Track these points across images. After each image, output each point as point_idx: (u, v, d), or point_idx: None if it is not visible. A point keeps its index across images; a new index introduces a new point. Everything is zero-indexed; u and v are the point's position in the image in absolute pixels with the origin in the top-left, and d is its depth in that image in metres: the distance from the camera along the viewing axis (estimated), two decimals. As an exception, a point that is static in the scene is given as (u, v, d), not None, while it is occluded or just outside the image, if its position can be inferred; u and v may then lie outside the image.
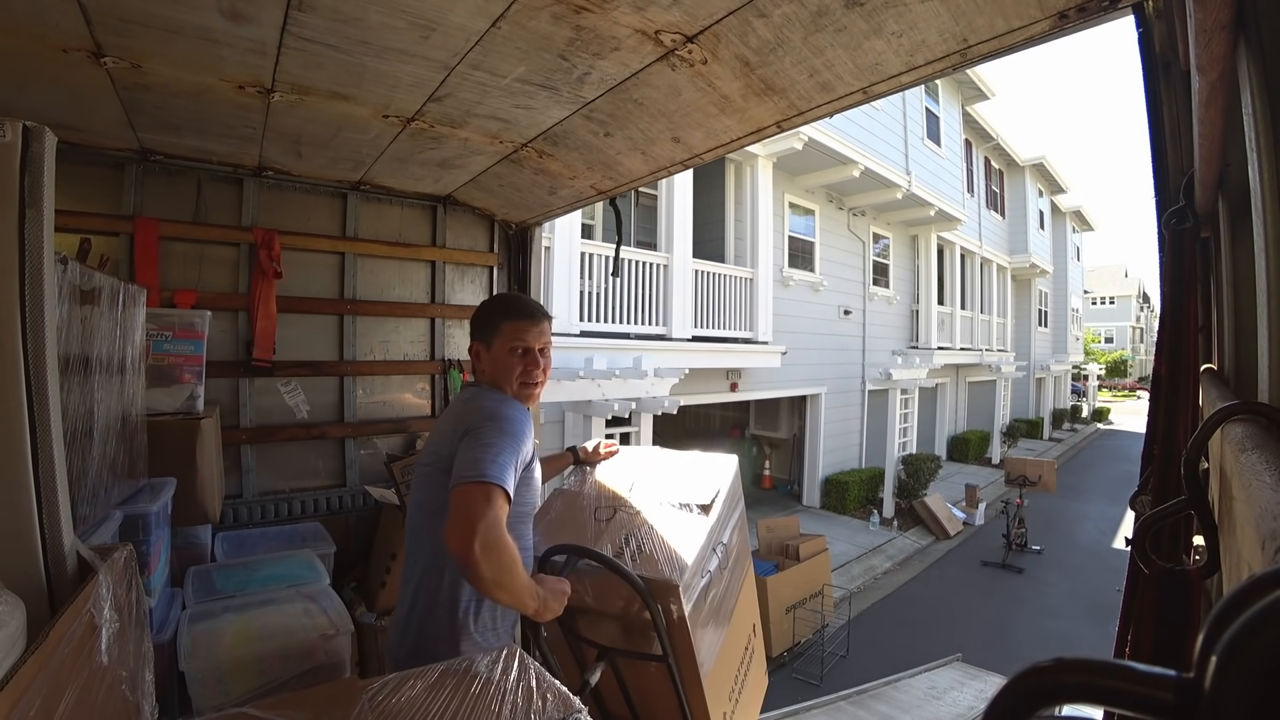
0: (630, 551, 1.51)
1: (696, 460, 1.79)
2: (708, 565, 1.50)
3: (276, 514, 2.58)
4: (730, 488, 1.65)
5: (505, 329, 1.53)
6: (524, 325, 1.54)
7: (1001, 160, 16.64)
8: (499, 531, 1.20)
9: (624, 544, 1.53)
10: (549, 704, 1.03)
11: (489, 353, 1.54)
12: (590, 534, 1.62)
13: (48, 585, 0.89)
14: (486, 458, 1.27)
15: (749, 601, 1.72)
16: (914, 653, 6.18)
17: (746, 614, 1.71)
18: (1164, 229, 1.07)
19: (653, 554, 1.48)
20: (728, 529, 1.61)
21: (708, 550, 1.51)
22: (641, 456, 1.88)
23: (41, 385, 0.88)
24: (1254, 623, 0.22)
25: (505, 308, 1.59)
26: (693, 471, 1.73)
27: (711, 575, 1.51)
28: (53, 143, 0.90)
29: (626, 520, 1.61)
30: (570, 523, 1.69)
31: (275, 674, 1.67)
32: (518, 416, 1.42)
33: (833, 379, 10.70)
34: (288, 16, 1.27)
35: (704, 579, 1.48)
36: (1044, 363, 19.94)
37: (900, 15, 1.16)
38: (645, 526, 1.57)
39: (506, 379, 1.52)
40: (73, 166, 2.11)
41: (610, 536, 1.57)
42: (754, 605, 1.77)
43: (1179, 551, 1.06)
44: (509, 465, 1.30)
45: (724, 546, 1.60)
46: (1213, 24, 0.61)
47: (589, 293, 6.39)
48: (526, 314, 1.56)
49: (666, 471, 1.75)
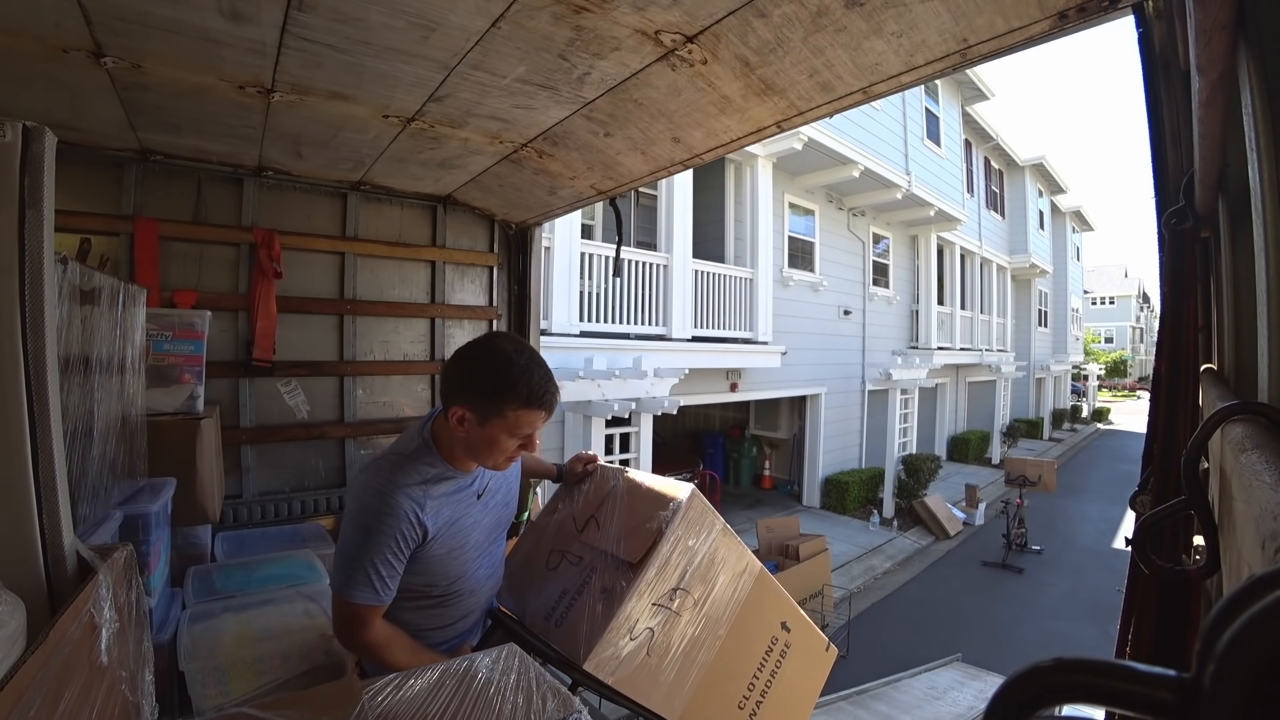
0: (558, 615, 1.46)
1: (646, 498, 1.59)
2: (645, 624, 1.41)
3: (276, 514, 2.58)
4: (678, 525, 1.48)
5: (514, 417, 1.30)
6: (538, 417, 1.33)
7: (1001, 160, 16.64)
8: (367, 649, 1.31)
9: (555, 603, 1.49)
10: (549, 704, 1.03)
11: (480, 430, 1.30)
12: (536, 584, 1.60)
13: (48, 585, 0.89)
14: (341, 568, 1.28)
15: (760, 608, 1.62)
16: (914, 653, 6.18)
17: (757, 623, 1.61)
18: (1164, 229, 1.07)
19: (574, 624, 1.41)
20: (683, 569, 1.48)
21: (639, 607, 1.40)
22: (607, 483, 1.71)
23: (41, 385, 0.88)
24: (1254, 623, 0.22)
25: (526, 394, 1.29)
26: (638, 513, 1.55)
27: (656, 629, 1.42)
28: (53, 143, 0.90)
29: (567, 573, 1.55)
30: (527, 565, 1.68)
31: (275, 674, 1.67)
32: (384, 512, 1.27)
33: (833, 379, 10.70)
34: (288, 16, 1.27)
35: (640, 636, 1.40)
36: (1044, 363, 19.94)
37: (900, 15, 1.16)
38: (578, 584, 1.49)
39: (481, 456, 1.36)
40: (73, 166, 2.11)
41: (550, 591, 1.54)
42: (772, 605, 1.66)
43: (1179, 551, 1.06)
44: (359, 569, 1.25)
45: (678, 591, 1.46)
46: (1213, 24, 0.61)
47: (589, 293, 6.39)
48: (544, 404, 1.32)
49: (618, 511, 1.60)
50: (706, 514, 1.55)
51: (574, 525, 1.64)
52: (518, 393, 1.29)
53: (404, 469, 1.34)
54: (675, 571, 1.47)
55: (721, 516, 1.63)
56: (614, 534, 1.52)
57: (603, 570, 1.47)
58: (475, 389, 1.30)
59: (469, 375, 1.32)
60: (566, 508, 1.72)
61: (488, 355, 1.32)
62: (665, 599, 1.44)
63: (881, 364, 11.53)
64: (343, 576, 1.27)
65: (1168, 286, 1.08)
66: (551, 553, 1.64)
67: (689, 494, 1.53)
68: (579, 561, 1.54)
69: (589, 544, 1.56)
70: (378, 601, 1.28)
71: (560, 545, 1.63)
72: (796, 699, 1.67)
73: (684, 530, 1.49)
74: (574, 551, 1.58)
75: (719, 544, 1.56)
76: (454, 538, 1.39)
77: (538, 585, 1.59)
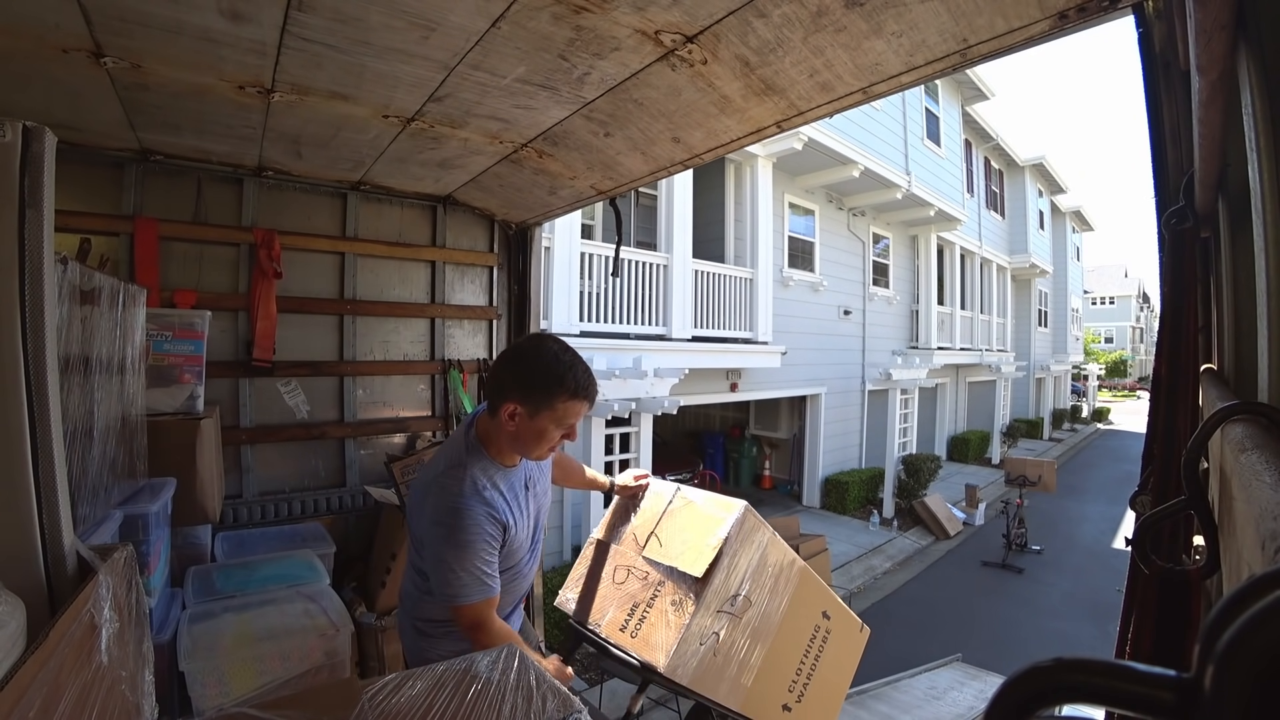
0: (632, 626, 1.62)
1: (702, 515, 1.74)
2: (713, 629, 1.57)
3: (276, 514, 2.58)
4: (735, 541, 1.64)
5: (562, 408, 1.42)
6: (582, 407, 1.44)
7: (1001, 160, 16.64)
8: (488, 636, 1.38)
9: (628, 616, 1.65)
10: (549, 704, 1.03)
11: (530, 423, 1.42)
12: (605, 598, 1.74)
13: (48, 585, 0.89)
14: (452, 581, 1.36)
15: (804, 604, 1.78)
16: (914, 653, 6.17)
17: (803, 617, 1.78)
18: (1164, 229, 1.07)
19: (648, 635, 1.57)
20: (740, 578, 1.64)
21: (707, 617, 1.56)
22: (662, 501, 1.86)
23: (41, 385, 0.88)
24: (1253, 622, 0.22)
25: (571, 385, 1.42)
26: (696, 528, 1.71)
27: (721, 633, 1.58)
28: (53, 143, 0.90)
29: (635, 589, 1.69)
30: (593, 580, 1.82)
31: (275, 674, 1.68)
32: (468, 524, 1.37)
33: (833, 379, 10.70)
34: (288, 16, 1.27)
35: (708, 641, 1.56)
36: (1044, 363, 19.93)
37: (900, 15, 1.16)
38: (647, 601, 1.64)
39: (529, 450, 1.47)
40: (73, 166, 2.11)
41: (620, 604, 1.69)
42: (814, 599, 1.82)
43: (1179, 551, 1.06)
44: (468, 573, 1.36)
45: (739, 598, 1.63)
46: (1213, 24, 0.61)
47: (589, 293, 6.38)
48: (588, 395, 1.45)
49: (677, 529, 1.76)
50: (758, 525, 1.70)
51: (635, 542, 1.78)
52: (566, 385, 1.41)
53: (466, 479, 1.41)
54: (734, 580, 1.62)
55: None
56: (677, 550, 1.66)
57: (670, 584, 1.62)
58: (528, 384, 1.41)
59: (524, 372, 1.43)
60: (625, 525, 1.86)
61: (536, 353, 1.44)
62: (727, 605, 1.60)
63: (881, 364, 11.52)
64: (453, 589, 1.36)
65: (1168, 286, 1.08)
66: (617, 569, 1.78)
67: (742, 510, 1.67)
68: (645, 577, 1.68)
69: (653, 559, 1.70)
70: (491, 594, 1.39)
71: (624, 561, 1.77)
72: (836, 678, 1.87)
73: (740, 544, 1.64)
74: (639, 567, 1.72)
75: (769, 550, 1.71)
76: (513, 528, 1.49)
77: (607, 599, 1.73)
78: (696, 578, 1.57)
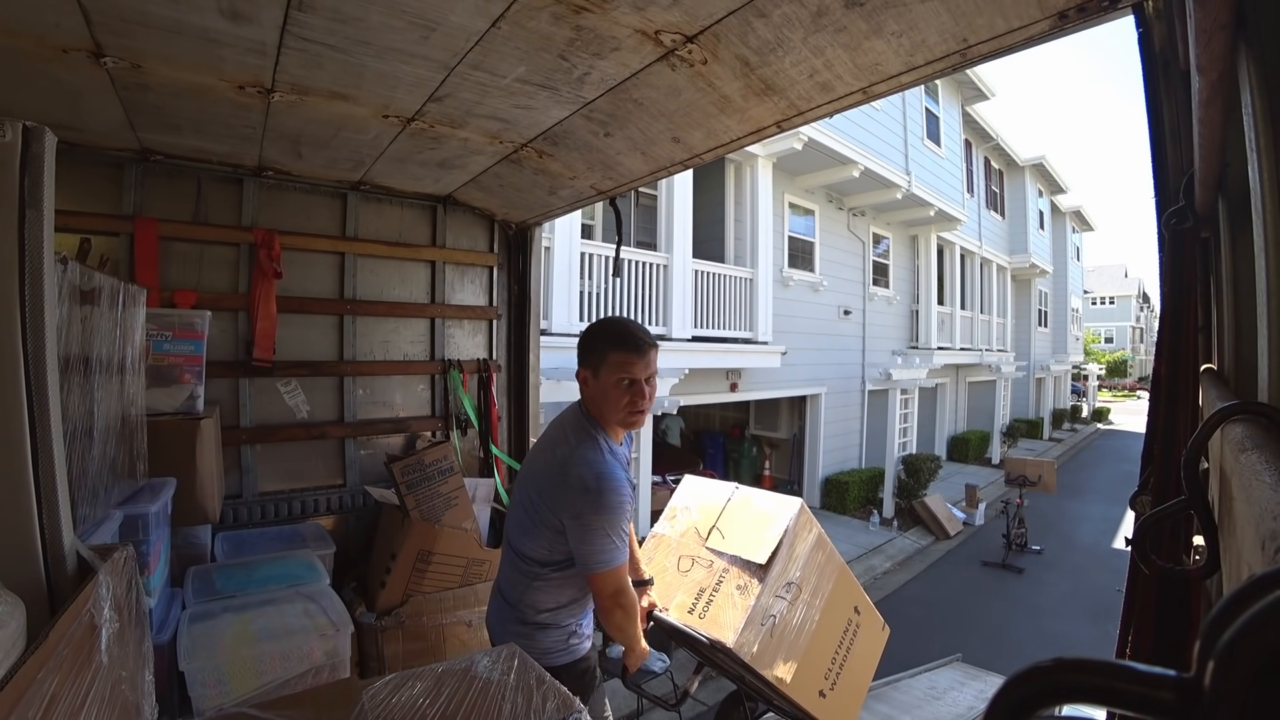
0: (699, 609, 1.80)
1: (761, 510, 1.94)
2: (771, 612, 1.74)
3: (276, 514, 2.58)
4: (792, 532, 1.84)
5: (612, 360, 1.56)
6: (632, 359, 1.56)
7: (1001, 160, 16.64)
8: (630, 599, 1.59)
9: (695, 600, 1.83)
10: (549, 704, 1.03)
11: (596, 381, 1.59)
12: (671, 585, 1.91)
13: (48, 585, 0.89)
14: (606, 547, 1.49)
15: (841, 597, 1.96)
16: (914, 653, 6.17)
17: (839, 609, 1.95)
18: (1164, 229, 1.07)
19: (716, 616, 1.75)
20: (796, 567, 1.83)
21: (769, 600, 1.74)
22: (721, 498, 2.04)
23: (41, 385, 0.88)
24: (1253, 622, 0.22)
25: (614, 338, 1.58)
26: (755, 521, 1.91)
27: (778, 616, 1.76)
28: (53, 143, 0.90)
29: (701, 576, 1.87)
30: (658, 571, 1.98)
31: (275, 674, 1.68)
32: (616, 486, 1.51)
33: (833, 379, 10.70)
34: (288, 16, 1.27)
35: (767, 623, 1.73)
36: (1044, 363, 19.93)
37: (900, 15, 1.16)
38: (713, 586, 1.82)
39: (613, 410, 1.59)
40: (73, 166, 2.11)
41: (687, 590, 1.86)
42: (848, 594, 1.99)
43: (1179, 551, 1.06)
44: (619, 538, 1.51)
45: (793, 585, 1.81)
46: (1213, 24, 0.61)
47: (589, 293, 6.38)
48: (634, 346, 1.57)
49: (738, 522, 1.94)
50: (810, 522, 1.92)
51: (698, 535, 1.96)
52: (609, 337, 1.59)
53: (601, 447, 1.57)
54: (791, 569, 1.81)
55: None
56: (740, 541, 1.87)
57: (735, 570, 1.81)
58: (587, 349, 1.62)
59: (583, 341, 1.64)
60: (683, 521, 2.05)
61: (592, 326, 1.67)
62: (784, 591, 1.79)
63: (881, 364, 11.52)
64: (605, 555, 1.49)
65: (1168, 286, 1.08)
66: (681, 559, 1.94)
67: (800, 505, 1.88)
68: (710, 565, 1.87)
69: (716, 550, 1.89)
70: (626, 559, 1.55)
71: (688, 552, 1.94)
72: (862, 669, 2.02)
73: (795, 536, 1.84)
74: (703, 556, 1.91)
75: (817, 545, 1.91)
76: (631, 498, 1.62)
77: (673, 585, 1.90)
78: (760, 564, 1.76)
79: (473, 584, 2.45)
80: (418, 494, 2.40)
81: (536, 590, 1.60)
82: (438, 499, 2.43)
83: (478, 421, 3.03)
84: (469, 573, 2.45)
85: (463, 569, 2.44)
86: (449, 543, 2.39)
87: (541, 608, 1.61)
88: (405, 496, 2.38)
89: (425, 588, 2.36)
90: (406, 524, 2.35)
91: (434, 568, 2.37)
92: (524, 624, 1.61)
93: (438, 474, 2.46)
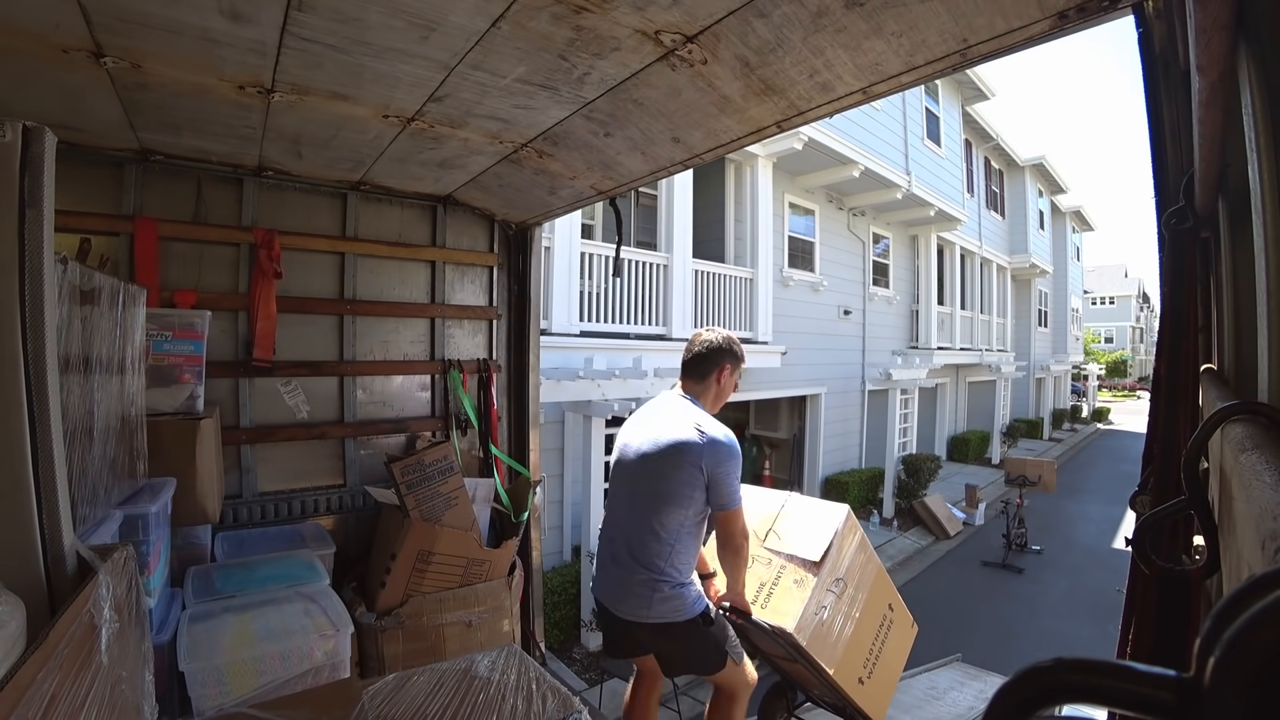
0: (761, 600, 2.05)
1: (813, 515, 2.20)
2: (823, 603, 1.99)
3: (276, 514, 2.58)
4: (841, 534, 2.09)
5: (741, 366, 2.10)
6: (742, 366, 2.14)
7: (1001, 160, 16.64)
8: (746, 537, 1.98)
9: (756, 593, 2.08)
10: (549, 704, 1.03)
11: (732, 377, 2.09)
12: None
13: (48, 585, 0.89)
14: (737, 489, 1.91)
15: (879, 594, 2.18)
16: (914, 652, 6.17)
17: (877, 605, 2.17)
18: (1164, 229, 1.07)
19: (777, 605, 2.02)
20: (844, 565, 2.08)
21: (822, 593, 1.99)
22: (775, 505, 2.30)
23: (41, 385, 0.88)
24: (1254, 622, 0.22)
25: (742, 351, 2.13)
26: (808, 524, 2.17)
27: (829, 608, 2.00)
28: (53, 143, 0.90)
29: (760, 571, 2.13)
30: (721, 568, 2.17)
31: (275, 674, 1.67)
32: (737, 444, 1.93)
33: (833, 379, 10.69)
34: (288, 16, 1.27)
35: (820, 614, 1.97)
36: (1044, 363, 19.93)
37: (900, 15, 1.16)
38: (772, 580, 2.08)
39: (726, 396, 2.09)
40: (73, 166, 2.11)
41: (748, 585, 2.06)
42: (884, 591, 2.21)
43: (1179, 551, 1.06)
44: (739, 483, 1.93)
45: (841, 580, 2.07)
46: (1213, 24, 0.61)
47: (589, 293, 6.38)
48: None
49: (792, 525, 2.21)
50: (855, 526, 2.18)
51: (756, 536, 2.18)
52: (741, 351, 2.12)
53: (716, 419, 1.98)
54: (840, 566, 2.06)
55: None
56: (795, 541, 2.15)
57: (791, 566, 2.08)
58: (734, 352, 2.09)
59: (730, 345, 2.09)
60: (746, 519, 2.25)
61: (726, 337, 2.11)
62: (834, 585, 2.04)
63: (881, 364, 11.52)
64: (739, 496, 1.90)
65: (1168, 286, 1.08)
66: None
67: (846, 512, 2.16)
68: (769, 562, 2.15)
69: (773, 549, 2.16)
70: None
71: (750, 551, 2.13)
72: (893, 663, 2.23)
73: (843, 538, 2.10)
74: (761, 555, 2.17)
75: (860, 546, 2.15)
76: None
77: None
78: (814, 561, 2.02)
79: (473, 584, 2.45)
80: (418, 494, 2.40)
81: (678, 552, 1.92)
82: (438, 499, 2.43)
83: (478, 422, 3.03)
84: (469, 573, 2.45)
85: (462, 569, 2.44)
86: (449, 543, 2.39)
87: (684, 564, 1.94)
88: (405, 496, 2.37)
89: (425, 588, 2.36)
90: (406, 524, 2.35)
91: (434, 568, 2.37)
92: (677, 585, 1.93)
93: (438, 474, 2.45)
